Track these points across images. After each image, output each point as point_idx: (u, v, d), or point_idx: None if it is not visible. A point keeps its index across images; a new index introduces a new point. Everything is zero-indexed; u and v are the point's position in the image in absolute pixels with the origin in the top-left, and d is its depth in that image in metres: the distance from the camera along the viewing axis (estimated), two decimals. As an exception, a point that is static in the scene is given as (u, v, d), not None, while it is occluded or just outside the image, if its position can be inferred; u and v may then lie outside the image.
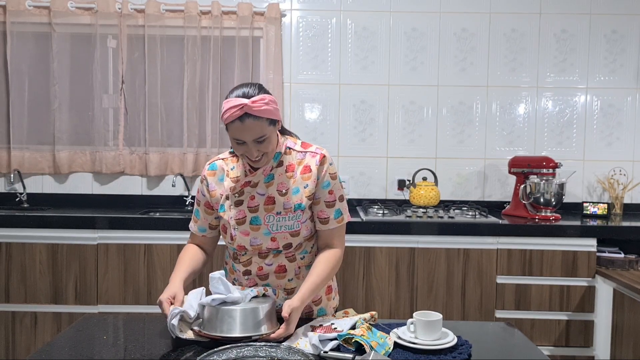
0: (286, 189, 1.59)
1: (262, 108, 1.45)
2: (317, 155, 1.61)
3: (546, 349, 2.79)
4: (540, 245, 2.79)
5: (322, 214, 1.63)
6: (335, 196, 1.64)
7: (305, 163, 1.61)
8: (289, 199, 1.58)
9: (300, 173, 1.60)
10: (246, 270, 1.65)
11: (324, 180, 1.61)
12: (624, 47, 3.40)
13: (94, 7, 3.27)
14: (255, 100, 1.45)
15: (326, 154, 1.63)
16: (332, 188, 1.63)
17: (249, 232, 1.60)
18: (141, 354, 1.37)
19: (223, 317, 1.41)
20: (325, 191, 1.62)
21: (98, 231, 2.81)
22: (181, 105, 3.34)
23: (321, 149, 1.63)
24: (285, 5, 3.39)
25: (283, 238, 1.61)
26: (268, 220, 1.59)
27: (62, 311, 2.82)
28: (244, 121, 1.45)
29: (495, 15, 3.40)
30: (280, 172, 1.60)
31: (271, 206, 1.59)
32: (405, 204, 3.27)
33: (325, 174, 1.61)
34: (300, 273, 1.67)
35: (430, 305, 2.79)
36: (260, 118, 1.46)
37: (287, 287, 1.66)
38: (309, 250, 1.69)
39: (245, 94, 1.47)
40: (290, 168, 1.61)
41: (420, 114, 3.43)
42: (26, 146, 3.34)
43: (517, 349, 1.49)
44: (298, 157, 1.62)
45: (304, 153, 1.62)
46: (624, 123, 3.43)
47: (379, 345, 1.37)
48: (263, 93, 1.49)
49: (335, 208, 1.64)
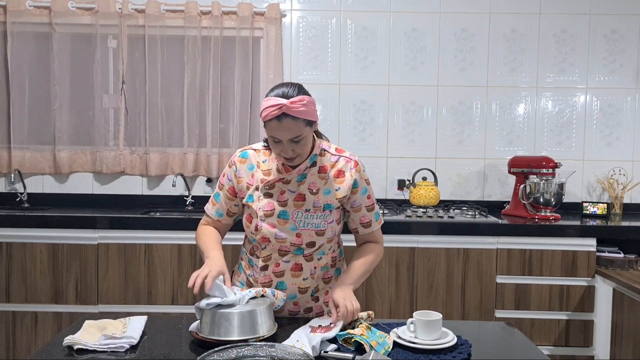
0: (317, 189, 1.62)
1: (300, 109, 1.47)
2: (352, 161, 1.66)
3: (546, 349, 2.80)
4: (540, 245, 2.80)
5: (365, 218, 1.69)
6: (372, 200, 1.71)
7: (339, 167, 1.65)
8: (319, 198, 1.62)
9: (333, 175, 1.64)
10: (264, 265, 1.66)
11: (362, 187, 1.66)
12: (624, 47, 3.40)
13: (94, 7, 3.27)
14: (294, 101, 1.46)
15: (359, 161, 1.68)
16: (369, 193, 1.70)
17: (275, 225, 1.62)
18: (141, 354, 1.38)
19: (220, 321, 1.41)
20: (364, 197, 1.68)
21: (98, 231, 2.81)
22: (181, 105, 3.34)
23: (354, 156, 1.68)
24: (286, 6, 3.39)
25: (308, 235, 1.62)
26: (296, 215, 1.61)
27: (62, 311, 2.82)
28: (282, 121, 1.47)
29: (495, 15, 3.40)
30: (313, 172, 1.63)
31: (301, 202, 1.61)
32: (405, 203, 3.27)
33: (362, 181, 1.66)
34: (315, 273, 1.68)
35: (430, 305, 2.79)
36: (298, 119, 1.48)
37: (301, 286, 1.67)
38: (326, 252, 1.70)
39: (284, 93, 1.49)
40: (324, 169, 1.64)
41: (420, 114, 3.44)
42: (27, 146, 3.34)
43: (517, 348, 1.49)
44: (332, 159, 1.66)
45: (338, 157, 1.66)
46: (623, 123, 3.43)
47: (378, 345, 1.37)
48: (302, 94, 1.52)
49: (375, 211, 1.72)
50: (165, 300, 2.82)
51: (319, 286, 1.70)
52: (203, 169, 3.37)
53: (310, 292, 1.69)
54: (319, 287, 1.70)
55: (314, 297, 1.70)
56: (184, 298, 2.82)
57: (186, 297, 2.82)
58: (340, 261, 1.80)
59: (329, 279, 1.72)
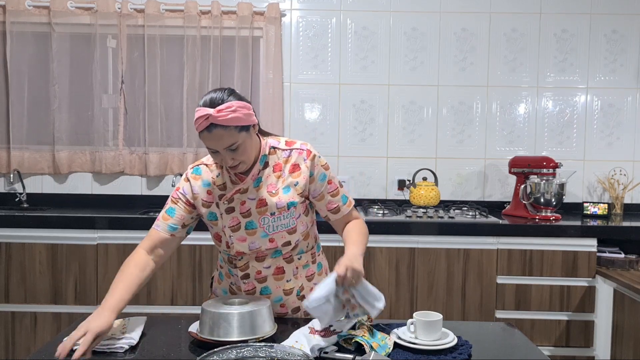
0: (276, 189, 1.57)
1: (229, 117, 1.40)
2: (304, 151, 1.59)
3: (546, 349, 2.79)
4: (541, 245, 2.79)
5: (331, 204, 1.63)
6: (335, 184, 1.64)
7: (293, 161, 1.58)
8: (281, 199, 1.57)
9: (288, 172, 1.59)
10: (244, 274, 1.64)
11: (319, 174, 1.60)
12: (624, 47, 3.40)
13: (93, 7, 3.27)
14: (220, 110, 1.40)
15: (311, 149, 1.60)
16: (329, 178, 1.63)
17: (245, 238, 1.59)
18: (140, 355, 1.37)
19: (219, 322, 1.40)
20: (324, 184, 1.62)
21: (98, 231, 2.81)
22: (181, 105, 3.34)
23: (306, 144, 1.61)
24: (285, 5, 3.39)
25: (281, 237, 1.60)
26: (263, 222, 1.57)
27: (61, 311, 2.81)
28: (212, 131, 1.41)
29: (496, 15, 3.39)
30: (267, 174, 1.58)
31: (264, 208, 1.57)
32: (405, 204, 3.27)
33: (318, 168, 1.60)
34: (298, 273, 1.67)
35: (430, 306, 2.79)
36: (228, 127, 1.41)
37: (286, 288, 1.65)
38: (305, 249, 1.69)
39: (212, 101, 1.42)
40: (277, 167, 1.59)
41: (420, 114, 3.43)
42: (26, 146, 3.34)
43: (517, 349, 1.48)
44: (284, 155, 1.59)
45: (290, 151, 1.59)
46: (624, 123, 3.43)
47: (379, 347, 1.37)
48: (233, 99, 1.44)
49: (340, 195, 1.65)
50: (164, 300, 2.81)
51: (303, 285, 1.68)
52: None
53: (295, 293, 1.67)
54: (303, 287, 1.68)
55: (300, 296, 1.68)
56: (183, 299, 2.81)
57: (185, 297, 2.81)
58: (320, 255, 1.76)
59: (311, 275, 1.70)
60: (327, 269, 1.79)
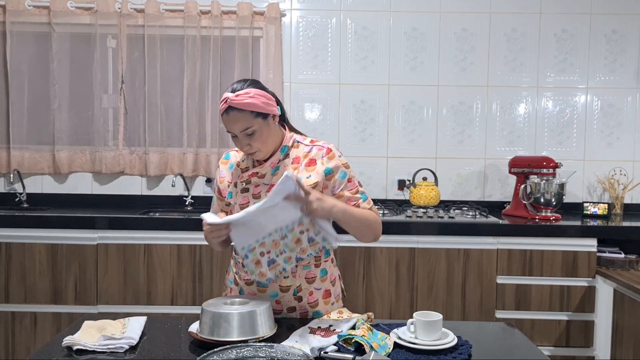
0: None
1: (245, 101, 1.51)
2: (324, 149, 1.65)
3: (546, 349, 2.79)
4: (541, 245, 2.79)
5: (350, 201, 1.65)
6: (355, 183, 1.68)
7: (311, 156, 1.65)
8: None
9: (305, 165, 1.64)
10: None
11: (339, 172, 1.64)
12: (624, 47, 3.40)
13: (93, 6, 3.27)
14: (238, 94, 1.52)
15: (332, 148, 1.67)
16: (349, 177, 1.67)
17: None
18: (140, 355, 1.37)
19: (220, 322, 1.40)
20: (344, 181, 1.65)
21: (98, 231, 2.81)
22: (181, 105, 3.34)
23: (328, 144, 1.67)
24: (285, 5, 3.39)
25: None
26: None
27: (61, 311, 2.81)
28: (229, 114, 1.53)
29: (496, 15, 3.39)
30: (286, 164, 1.65)
31: None
32: (405, 204, 3.27)
33: (338, 166, 1.64)
34: (297, 272, 1.67)
35: (430, 306, 2.79)
36: (244, 110, 1.52)
37: (283, 285, 1.66)
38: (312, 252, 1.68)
39: (233, 88, 1.55)
40: (296, 160, 1.65)
41: (420, 114, 3.43)
42: (26, 146, 3.34)
43: (517, 349, 1.48)
44: (305, 150, 1.67)
45: (311, 147, 1.66)
46: (624, 123, 3.43)
47: (379, 347, 1.37)
48: (253, 88, 1.55)
49: (360, 193, 1.68)
50: (164, 300, 2.81)
51: (302, 286, 1.68)
52: (202, 169, 3.36)
53: (292, 291, 1.67)
54: (301, 287, 1.68)
55: (296, 296, 1.68)
56: (183, 299, 2.81)
57: (185, 297, 2.81)
58: (327, 262, 1.74)
59: (312, 278, 1.69)
60: (334, 278, 1.77)
